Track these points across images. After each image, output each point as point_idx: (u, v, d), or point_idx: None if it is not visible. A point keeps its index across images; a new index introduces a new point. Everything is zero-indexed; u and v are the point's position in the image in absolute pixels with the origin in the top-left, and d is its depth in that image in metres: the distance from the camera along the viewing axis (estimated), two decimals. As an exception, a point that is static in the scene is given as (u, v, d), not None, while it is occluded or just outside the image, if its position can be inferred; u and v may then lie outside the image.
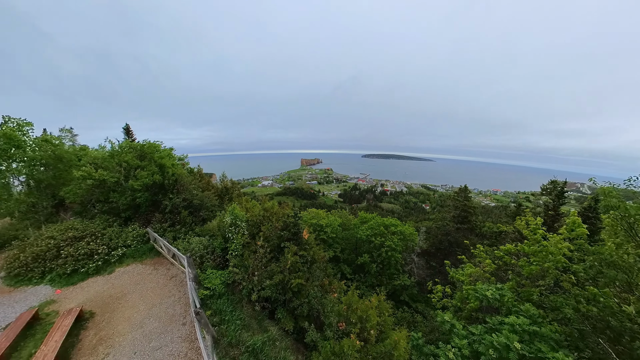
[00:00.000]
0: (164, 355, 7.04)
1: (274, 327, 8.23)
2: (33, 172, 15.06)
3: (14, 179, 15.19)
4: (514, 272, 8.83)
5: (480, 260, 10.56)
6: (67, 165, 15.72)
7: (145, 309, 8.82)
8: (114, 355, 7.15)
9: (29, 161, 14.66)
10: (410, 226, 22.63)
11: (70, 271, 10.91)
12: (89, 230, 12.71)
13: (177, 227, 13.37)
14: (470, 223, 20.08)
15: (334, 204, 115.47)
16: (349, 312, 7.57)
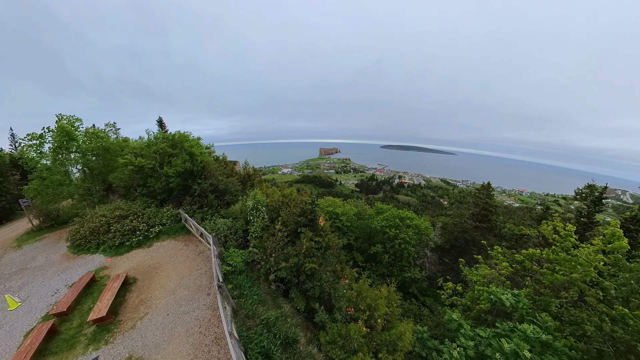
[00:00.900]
0: (191, 319, 7.72)
1: (287, 305, 8.54)
2: (86, 161, 16.99)
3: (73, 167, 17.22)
4: (532, 279, 8.20)
5: (496, 262, 9.88)
6: (113, 154, 17.40)
7: (177, 278, 9.68)
8: (151, 315, 8.04)
9: (82, 152, 16.49)
10: (426, 220, 21.84)
11: (118, 244, 12.41)
12: (132, 210, 14.22)
13: (204, 209, 14.41)
14: (490, 222, 18.84)
15: (350, 194, 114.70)
16: (359, 299, 7.60)
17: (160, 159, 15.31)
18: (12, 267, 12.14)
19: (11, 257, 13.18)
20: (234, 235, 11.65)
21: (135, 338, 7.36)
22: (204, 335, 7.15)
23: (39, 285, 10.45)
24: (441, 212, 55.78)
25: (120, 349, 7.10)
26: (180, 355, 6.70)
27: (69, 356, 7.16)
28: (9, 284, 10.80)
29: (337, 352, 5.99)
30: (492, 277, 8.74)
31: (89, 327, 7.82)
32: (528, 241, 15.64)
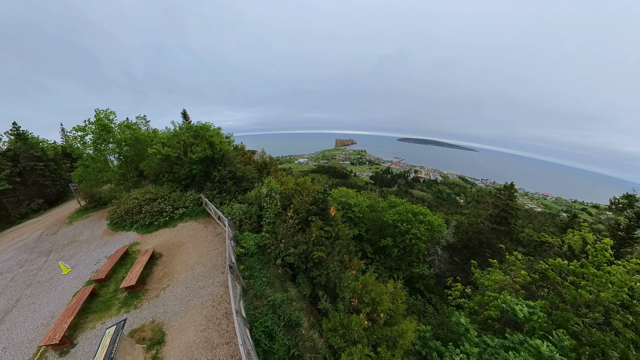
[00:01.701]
0: (206, 294, 8.12)
1: (294, 289, 8.64)
2: (121, 150, 18.35)
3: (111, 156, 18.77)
4: (551, 291, 7.43)
5: (513, 268, 9.07)
6: (144, 145, 18.49)
7: (196, 256, 10.20)
8: (172, 286, 8.62)
9: (118, 142, 17.80)
10: (440, 217, 20.82)
11: (147, 223, 13.37)
12: (160, 194, 15.13)
13: (223, 195, 14.99)
14: (508, 225, 17.40)
15: (364, 185, 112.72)
16: (363, 291, 7.44)
17: (183, 148, 16.04)
18: (65, 240, 13.68)
19: (64, 232, 14.83)
20: (249, 219, 11.93)
21: (158, 305, 7.93)
22: (215, 309, 7.49)
23: (85, 255, 11.66)
24: (456, 210, 52.99)
25: (145, 313, 7.71)
26: (194, 325, 7.10)
27: (104, 316, 7.93)
28: (62, 253, 12.24)
29: (337, 340, 5.95)
30: (505, 283, 8.05)
31: (121, 293, 8.56)
32: (548, 250, 14.20)
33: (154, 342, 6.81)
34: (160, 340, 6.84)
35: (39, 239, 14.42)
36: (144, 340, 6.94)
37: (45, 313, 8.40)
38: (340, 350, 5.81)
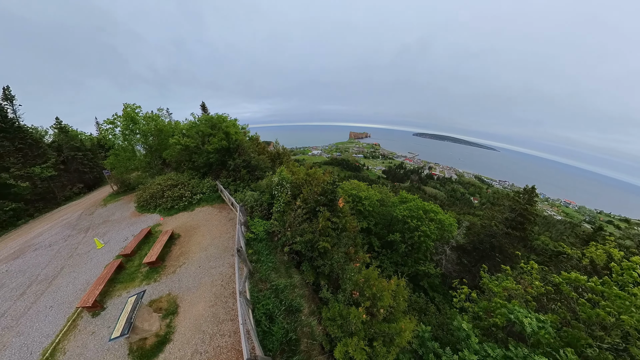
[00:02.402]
0: (216, 273, 8.40)
1: (298, 276, 8.66)
2: (146, 140, 19.36)
3: (138, 146, 19.88)
4: (563, 305, 6.70)
5: (526, 278, 8.26)
6: (166, 135, 19.24)
7: (210, 238, 10.54)
8: (187, 264, 9.02)
9: (143, 133, 18.78)
10: (452, 217, 19.74)
11: (169, 207, 14.02)
12: (180, 180, 15.74)
13: (237, 182, 15.35)
14: (524, 231, 16.02)
15: (376, 179, 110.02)
16: (365, 285, 7.21)
17: (201, 138, 16.51)
18: (100, 219, 14.88)
19: (99, 212, 16.13)
20: (260, 207, 12.09)
21: (174, 280, 8.34)
22: (224, 288, 7.73)
23: (115, 233, 12.59)
24: (469, 210, 50.35)
25: (163, 287, 8.16)
26: (204, 300, 7.38)
27: (129, 286, 8.53)
28: (97, 230, 13.36)
29: (334, 329, 5.86)
30: (516, 292, 7.39)
31: (144, 268, 9.11)
32: (565, 262, 12.86)
33: (168, 312, 7.20)
34: (174, 311, 7.21)
35: (79, 218, 15.79)
36: (160, 310, 7.36)
37: (83, 280, 9.24)
38: (337, 339, 5.73)
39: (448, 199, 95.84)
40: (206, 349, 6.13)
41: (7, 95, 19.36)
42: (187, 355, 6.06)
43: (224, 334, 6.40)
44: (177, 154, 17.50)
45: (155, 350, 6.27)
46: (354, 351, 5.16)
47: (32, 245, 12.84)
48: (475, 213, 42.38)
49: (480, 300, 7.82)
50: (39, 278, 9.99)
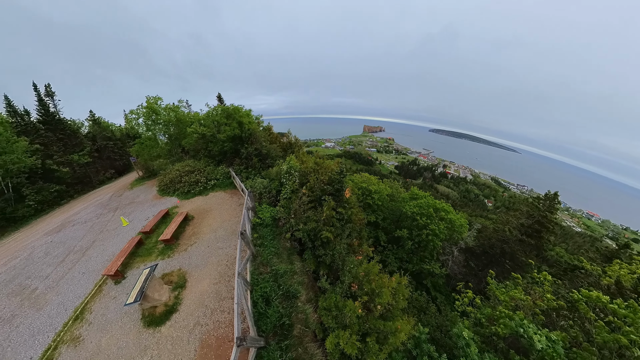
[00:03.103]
0: (223, 254, 8.57)
1: (299, 263, 8.54)
2: (167, 130, 19.95)
3: (160, 135, 20.58)
4: (576, 325, 5.96)
5: (537, 289, 7.48)
6: (185, 125, 19.49)
7: (220, 221, 10.76)
8: (198, 244, 9.31)
9: (164, 122, 19.29)
10: (463, 218, 18.46)
11: (186, 191, 14.45)
12: (196, 167, 16.15)
13: (249, 170, 15.45)
14: (540, 240, 14.62)
15: (388, 174, 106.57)
16: (364, 279, 6.92)
17: (217, 127, 16.69)
18: (127, 200, 15.87)
19: (127, 194, 17.19)
20: (268, 193, 12.05)
21: (185, 257, 8.63)
22: (228, 268, 7.84)
23: (139, 213, 13.33)
24: (482, 213, 47.42)
25: (175, 262, 8.48)
26: (210, 278, 7.55)
27: (146, 259, 8.97)
28: (124, 210, 14.28)
29: (329, 320, 5.68)
30: (524, 304, 6.69)
31: (160, 245, 9.53)
32: (583, 278, 11.59)
33: (177, 285, 7.48)
34: (182, 285, 7.47)
35: (110, 199, 16.99)
36: (171, 283, 7.66)
37: (109, 252, 9.97)
38: (330, 330, 5.56)
39: (461, 199, 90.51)
40: (207, 321, 6.29)
41: (48, 91, 20.79)
42: (189, 326, 6.27)
43: (224, 310, 6.51)
44: (195, 142, 17.94)
45: (163, 318, 6.57)
46: (345, 344, 4.96)
47: (71, 221, 14.07)
48: (488, 216, 39.82)
49: (484, 307, 7.23)
50: (75, 249, 10.96)
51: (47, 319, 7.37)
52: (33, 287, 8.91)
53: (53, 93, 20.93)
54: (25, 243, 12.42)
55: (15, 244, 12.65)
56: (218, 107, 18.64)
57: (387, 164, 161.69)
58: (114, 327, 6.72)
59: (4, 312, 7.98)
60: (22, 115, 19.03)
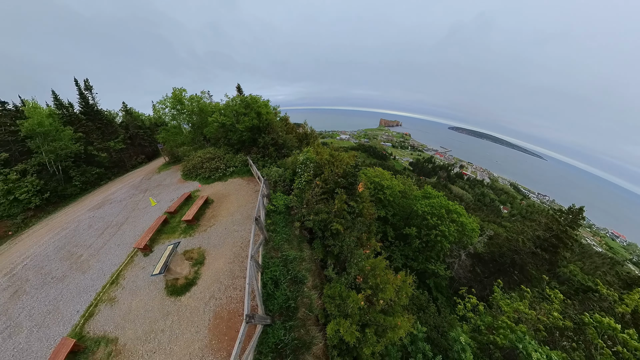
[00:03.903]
0: (238, 236, 8.97)
1: (308, 250, 8.70)
2: (191, 119, 20.56)
3: (184, 123, 21.31)
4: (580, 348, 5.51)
5: (544, 306, 6.98)
6: (207, 114, 19.94)
7: (237, 206, 11.17)
8: (216, 226, 9.81)
9: (188, 112, 19.90)
10: (475, 222, 17.46)
11: (207, 176, 15.00)
12: (217, 154, 16.62)
13: (265, 159, 15.68)
14: (555, 255, 13.48)
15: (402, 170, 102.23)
16: (370, 274, 6.88)
17: (236, 117, 16.92)
18: (155, 183, 16.96)
19: (155, 178, 18.29)
20: (283, 182, 12.22)
21: (205, 237, 9.15)
22: (242, 250, 8.21)
23: (165, 194, 14.26)
24: (496, 219, 44.43)
25: (195, 241, 9.05)
26: (225, 257, 7.98)
27: (171, 237, 9.65)
28: (153, 191, 15.33)
29: (332, 307, 5.79)
30: (527, 318, 6.30)
31: (182, 224, 10.17)
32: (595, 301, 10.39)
33: (197, 262, 7.98)
34: (201, 262, 7.97)
35: (141, 181, 18.22)
36: (191, 259, 8.18)
37: (140, 228, 10.87)
38: (332, 317, 5.67)
39: (475, 202, 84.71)
40: (220, 296, 6.70)
41: (87, 85, 22.26)
42: (205, 298, 6.72)
43: (236, 287, 6.88)
44: (215, 131, 18.44)
45: (183, 289, 7.09)
46: (344, 332, 5.03)
47: (109, 200, 15.41)
48: (502, 223, 37.31)
49: (486, 315, 6.93)
50: (112, 223, 12.07)
51: (89, 281, 8.33)
52: (79, 254, 10.03)
53: (91, 87, 22.50)
54: (73, 217, 13.90)
55: (65, 217, 14.20)
56: (237, 97, 18.83)
57: (402, 160, 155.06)
58: (142, 292, 7.39)
59: (57, 273, 9.10)
60: (67, 108, 20.78)
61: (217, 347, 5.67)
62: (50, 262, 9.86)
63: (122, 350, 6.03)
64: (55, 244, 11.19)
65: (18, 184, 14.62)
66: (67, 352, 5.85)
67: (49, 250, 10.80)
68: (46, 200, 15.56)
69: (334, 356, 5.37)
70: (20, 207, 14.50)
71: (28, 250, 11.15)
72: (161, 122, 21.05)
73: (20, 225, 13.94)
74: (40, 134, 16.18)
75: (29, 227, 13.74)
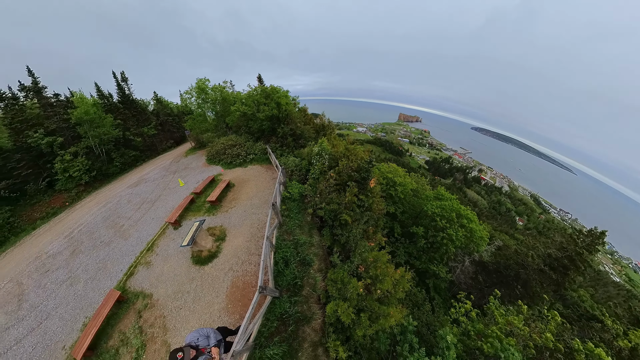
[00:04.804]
0: (256, 219, 9.63)
1: (317, 237, 9.17)
2: (214, 107, 21.26)
3: (208, 112, 22.09)
4: None
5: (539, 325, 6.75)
6: (229, 103, 20.63)
7: (255, 191, 11.81)
8: (236, 208, 10.53)
9: (212, 101, 20.60)
10: (485, 230, 16.68)
11: (229, 162, 15.75)
12: (238, 142, 17.27)
13: (283, 148, 16.04)
14: (564, 277, 12.50)
15: (416, 168, 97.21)
16: (372, 265, 7.17)
17: (256, 106, 17.21)
18: (183, 166, 18.18)
19: (183, 161, 19.57)
20: (299, 171, 12.58)
21: (226, 217, 9.96)
22: (258, 231, 8.89)
23: (192, 176, 15.33)
24: (508, 230, 41.66)
25: (218, 220, 9.88)
26: (243, 236, 8.71)
27: (196, 214, 10.60)
28: (181, 173, 16.51)
29: (333, 290, 6.21)
30: (519, 333, 6.19)
31: (207, 204, 11.08)
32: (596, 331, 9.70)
33: (219, 238, 8.80)
34: (223, 239, 8.78)
35: (170, 164, 19.62)
36: (214, 235, 9.01)
37: (170, 205, 12.00)
38: (332, 298, 6.11)
39: (489, 209, 78.44)
40: (238, 269, 7.46)
41: (123, 77, 23.82)
42: (225, 269, 7.52)
43: (251, 262, 7.59)
44: (237, 120, 18.98)
45: (206, 260, 7.95)
46: (342, 313, 5.45)
47: (144, 179, 16.95)
48: (514, 235, 35.08)
49: (477, 322, 6.95)
50: (147, 200, 13.41)
51: (130, 247, 9.59)
52: (121, 224, 11.42)
53: (127, 78, 24.14)
54: (115, 192, 15.65)
55: (109, 192, 16.09)
56: (258, 87, 19.17)
57: (418, 158, 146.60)
58: (172, 260, 8.38)
59: (105, 238, 10.53)
60: (107, 98, 22.67)
61: (232, 311, 6.42)
62: (99, 229, 11.37)
63: (156, 304, 7.02)
64: (102, 215, 12.79)
65: (71, 164, 16.86)
66: (114, 300, 6.97)
67: (97, 219, 12.41)
68: (93, 177, 17.84)
69: (329, 332, 5.84)
70: (74, 183, 16.81)
71: (81, 219, 12.92)
72: (188, 111, 22.26)
73: (74, 198, 16.26)
74: (87, 121, 18.19)
75: (81, 199, 15.91)
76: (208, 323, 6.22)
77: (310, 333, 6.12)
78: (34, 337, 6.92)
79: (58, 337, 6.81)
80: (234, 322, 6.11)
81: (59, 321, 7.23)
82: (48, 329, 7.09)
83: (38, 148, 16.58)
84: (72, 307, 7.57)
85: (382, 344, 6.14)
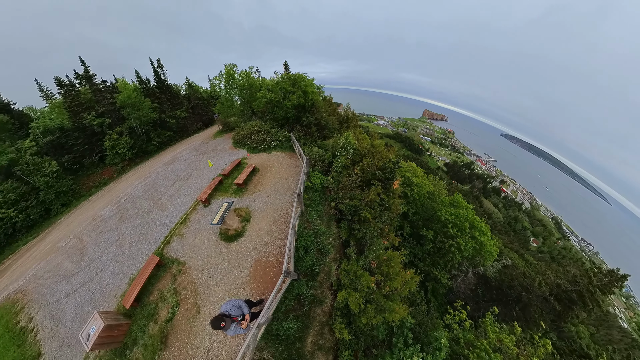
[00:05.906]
0: (279, 205, 10.06)
1: (335, 229, 9.51)
2: (241, 93, 21.55)
3: (236, 97, 22.52)
4: None
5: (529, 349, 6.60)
6: (255, 89, 20.74)
7: (279, 178, 12.20)
8: (261, 192, 11.01)
9: (240, 87, 20.97)
10: (495, 245, 15.88)
11: (254, 147, 16.05)
12: (263, 128, 17.43)
13: (307, 137, 15.94)
14: (567, 311, 11.68)
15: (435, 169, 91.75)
16: (384, 263, 7.42)
17: (283, 94, 17.08)
18: (211, 147, 18.94)
19: (211, 143, 20.33)
20: (322, 162, 12.56)
21: (251, 200, 10.58)
22: (281, 216, 9.42)
23: (220, 158, 16.02)
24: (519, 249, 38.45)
25: (243, 202, 10.52)
26: (267, 220, 9.29)
27: (224, 195, 11.30)
28: (210, 154, 17.27)
29: (345, 280, 6.67)
30: (507, 351, 6.17)
31: (234, 186, 11.72)
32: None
33: (244, 219, 9.46)
34: (248, 219, 9.44)
35: (200, 145, 20.56)
36: (240, 216, 9.68)
37: (200, 184, 12.87)
38: (344, 287, 6.56)
39: (504, 224, 71.61)
40: (260, 249, 8.13)
41: (159, 64, 25.01)
42: (249, 248, 8.20)
43: (273, 245, 8.19)
44: (263, 106, 18.96)
45: (233, 238, 8.66)
46: (352, 302, 5.87)
47: (177, 158, 18.14)
48: (524, 255, 32.62)
49: (469, 332, 7.07)
50: (180, 177, 14.44)
51: (166, 219, 10.64)
52: (158, 197, 12.53)
53: (162, 65, 25.39)
54: (153, 169, 17.06)
55: (148, 168, 17.62)
56: (284, 74, 18.97)
57: (438, 158, 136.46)
58: (203, 234, 9.18)
59: (145, 208, 11.71)
60: (146, 83, 24.12)
61: (254, 285, 7.07)
62: (141, 200, 12.59)
63: (188, 271, 7.86)
64: (143, 187, 14.07)
65: (117, 142, 19.08)
66: (154, 264, 7.89)
67: (139, 191, 13.70)
68: (135, 154, 20.08)
69: (337, 316, 6.41)
70: (119, 158, 18.97)
71: (126, 190, 14.35)
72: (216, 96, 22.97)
73: (120, 171, 18.63)
74: (129, 105, 19.84)
75: (126, 173, 17.83)
76: (233, 293, 6.93)
77: (320, 314, 6.70)
78: (93, 284, 8.24)
79: (111, 287, 8.06)
80: (255, 296, 6.83)
81: (111, 274, 8.51)
82: (103, 279, 8.40)
83: (91, 128, 18.96)
84: (121, 264, 8.79)
85: (380, 333, 6.62)
